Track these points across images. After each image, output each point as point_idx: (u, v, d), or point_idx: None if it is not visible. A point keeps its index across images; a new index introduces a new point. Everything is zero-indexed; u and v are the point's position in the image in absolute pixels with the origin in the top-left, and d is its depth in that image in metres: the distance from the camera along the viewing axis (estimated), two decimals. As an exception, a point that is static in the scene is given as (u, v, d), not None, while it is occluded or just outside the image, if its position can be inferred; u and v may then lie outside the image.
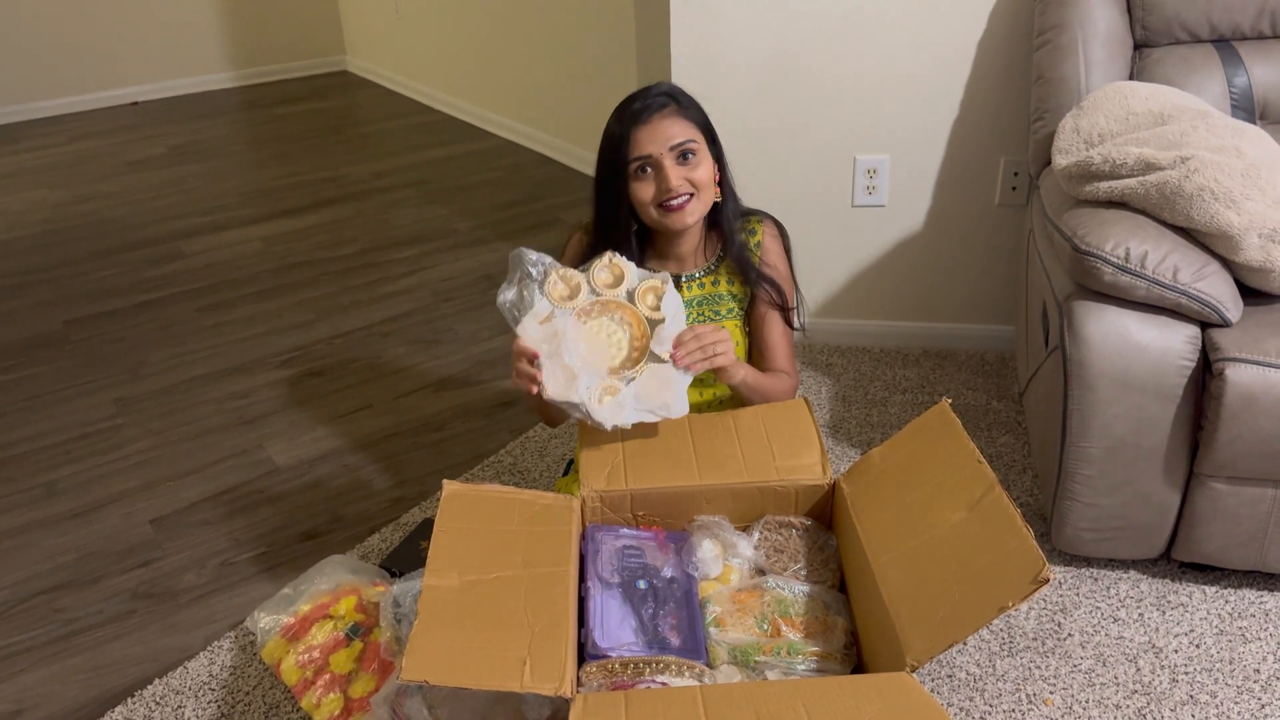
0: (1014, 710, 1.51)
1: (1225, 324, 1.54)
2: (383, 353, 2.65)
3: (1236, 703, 1.50)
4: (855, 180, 2.40)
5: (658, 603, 1.31)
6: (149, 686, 1.62)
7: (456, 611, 1.16)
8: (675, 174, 1.49)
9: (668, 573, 1.35)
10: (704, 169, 1.53)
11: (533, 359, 1.42)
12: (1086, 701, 1.51)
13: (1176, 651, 1.60)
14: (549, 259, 1.50)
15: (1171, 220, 1.59)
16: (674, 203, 1.50)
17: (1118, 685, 1.54)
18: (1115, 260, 1.53)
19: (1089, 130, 1.79)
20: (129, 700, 1.59)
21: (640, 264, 1.61)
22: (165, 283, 3.13)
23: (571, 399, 1.38)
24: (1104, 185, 1.68)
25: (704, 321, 1.63)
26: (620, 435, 1.47)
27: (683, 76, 2.35)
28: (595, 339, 1.46)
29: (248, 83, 5.67)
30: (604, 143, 1.54)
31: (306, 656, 1.57)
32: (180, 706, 1.58)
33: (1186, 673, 1.56)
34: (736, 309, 1.65)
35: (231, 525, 2.00)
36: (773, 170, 2.42)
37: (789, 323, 1.67)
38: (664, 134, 1.49)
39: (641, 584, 1.32)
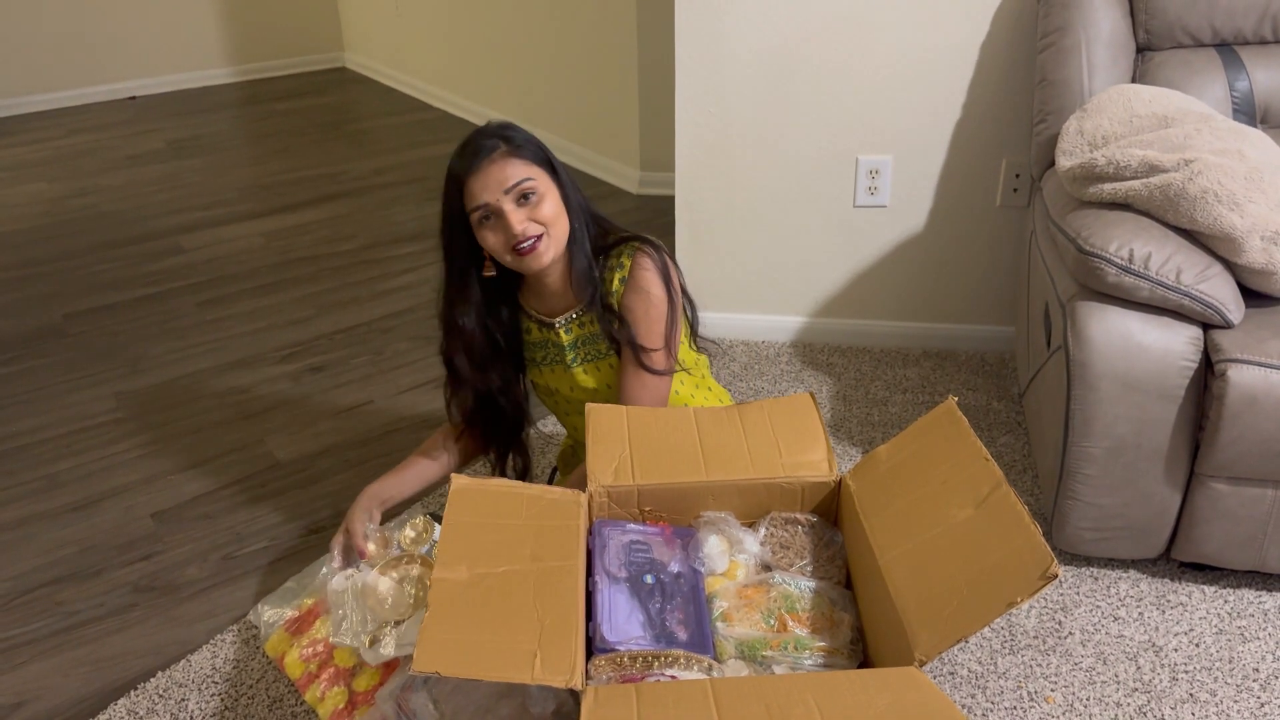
0: (1015, 707, 1.51)
1: (1227, 325, 1.55)
2: (383, 348, 2.65)
3: (1236, 701, 1.51)
4: (857, 180, 2.40)
5: (665, 597, 1.31)
6: (151, 679, 1.62)
7: (466, 604, 1.17)
8: (517, 218, 1.44)
9: (674, 568, 1.35)
10: (548, 205, 1.47)
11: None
12: (1087, 699, 1.52)
13: (1176, 650, 1.61)
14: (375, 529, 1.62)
15: (1175, 222, 1.60)
16: (524, 246, 1.46)
17: (1118, 683, 1.55)
18: (1119, 261, 1.54)
19: (1093, 132, 1.80)
20: (131, 693, 1.59)
21: (515, 305, 1.64)
22: (165, 277, 3.12)
23: (346, 642, 1.44)
24: (1108, 187, 1.69)
25: (589, 360, 1.62)
26: (627, 431, 1.48)
27: (686, 75, 2.36)
28: (382, 591, 1.49)
29: (246, 78, 5.66)
30: (443, 196, 1.51)
31: (310, 650, 1.56)
32: (183, 699, 1.58)
33: (1186, 671, 1.57)
34: (617, 345, 1.61)
35: (233, 519, 2.00)
36: (775, 170, 2.43)
37: (651, 365, 1.57)
38: (497, 179, 1.44)
39: (648, 579, 1.33)
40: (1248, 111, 1.94)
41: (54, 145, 4.53)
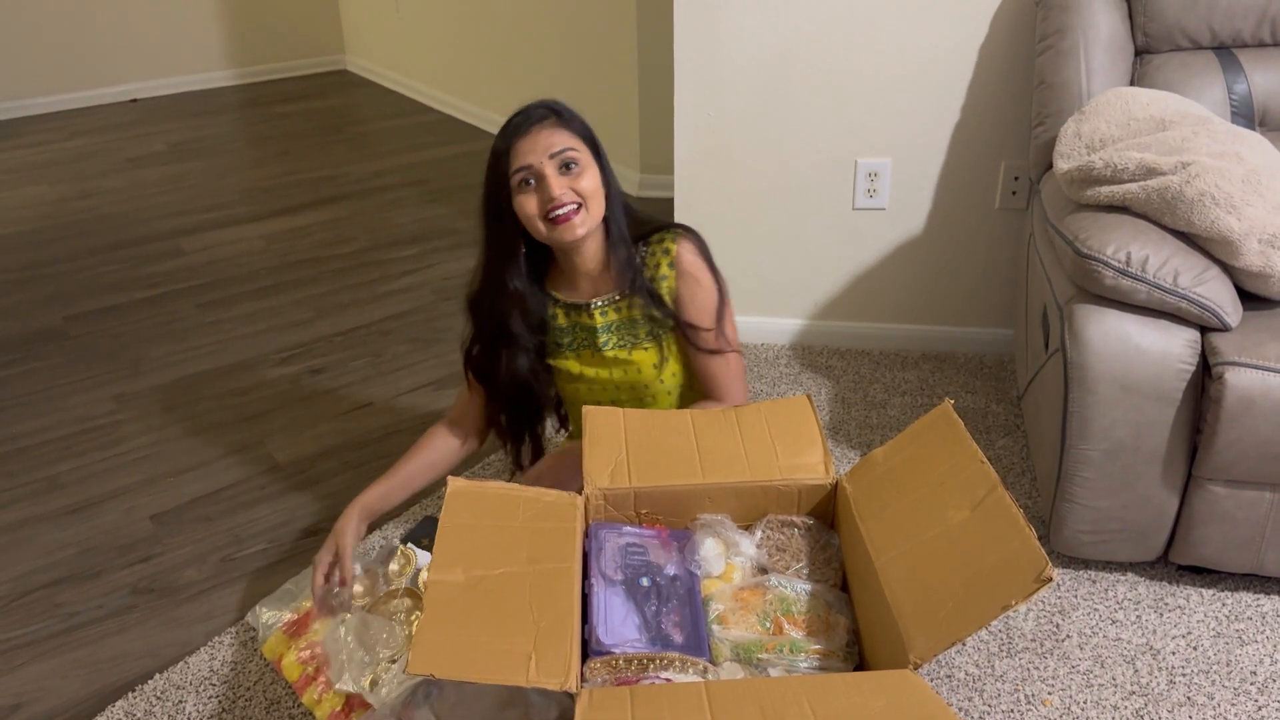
0: (1012, 711, 1.51)
1: (1225, 328, 1.55)
2: (383, 351, 2.66)
3: (1233, 704, 1.51)
4: (856, 183, 2.41)
5: (661, 600, 1.31)
6: (150, 681, 1.62)
7: (462, 606, 1.17)
8: (558, 183, 1.47)
9: (671, 570, 1.35)
10: (589, 179, 1.50)
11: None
12: (1084, 702, 1.52)
13: (1174, 653, 1.61)
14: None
15: (1172, 225, 1.60)
16: (560, 213, 1.48)
17: (1115, 686, 1.55)
18: (1116, 264, 1.54)
19: (1090, 135, 1.80)
20: (130, 695, 1.60)
21: (542, 291, 1.63)
22: (165, 279, 3.13)
23: (349, 688, 1.45)
24: (1105, 190, 1.69)
25: (623, 346, 1.63)
26: (623, 433, 1.48)
27: (685, 78, 2.36)
28: (374, 631, 1.50)
29: (247, 81, 5.67)
30: (488, 161, 1.53)
31: (308, 653, 1.57)
32: (181, 701, 1.58)
33: (1184, 674, 1.57)
34: (655, 330, 1.63)
35: (232, 521, 2.00)
36: (774, 172, 2.43)
37: (722, 346, 1.62)
38: (544, 143, 1.48)
39: (644, 581, 1.33)
40: (1246, 114, 1.94)
41: (56, 148, 4.54)
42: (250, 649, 1.67)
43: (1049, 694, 1.54)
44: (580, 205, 1.49)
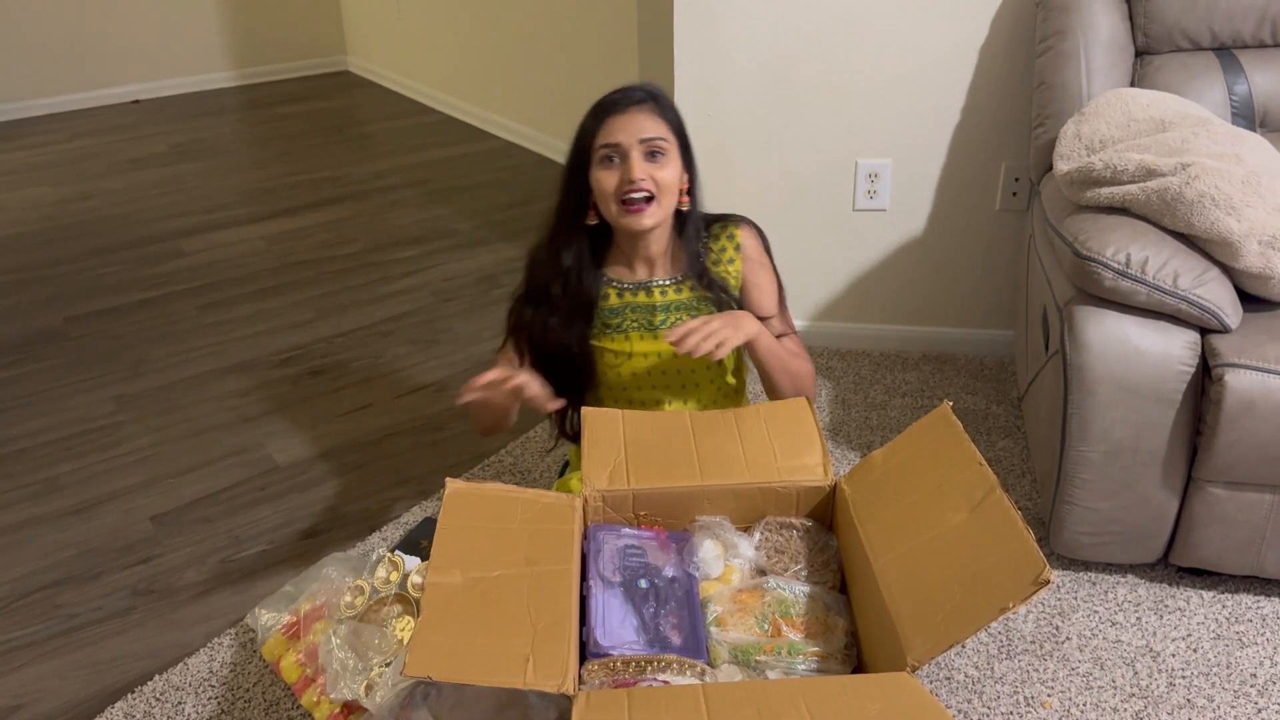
0: (1012, 713, 1.51)
1: (1225, 330, 1.55)
2: (383, 352, 2.66)
3: (1233, 707, 1.51)
4: (857, 184, 2.40)
5: (659, 602, 1.31)
6: (149, 683, 1.62)
7: (460, 608, 1.17)
8: (640, 167, 1.48)
9: (669, 572, 1.35)
10: (670, 171, 1.51)
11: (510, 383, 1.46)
12: (1084, 704, 1.52)
13: (1174, 655, 1.61)
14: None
15: (1172, 226, 1.60)
16: (634, 197, 1.49)
17: (1115, 689, 1.55)
18: (1116, 265, 1.54)
19: (1090, 136, 1.80)
20: (129, 696, 1.60)
21: (599, 267, 1.62)
22: (166, 280, 3.13)
23: (345, 696, 1.44)
24: (1105, 191, 1.69)
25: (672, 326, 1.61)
26: (622, 435, 1.48)
27: (685, 80, 2.36)
28: (366, 638, 1.49)
29: (249, 82, 5.68)
30: (577, 131, 1.54)
31: (307, 654, 1.57)
32: (180, 703, 1.58)
33: (1184, 677, 1.57)
34: (707, 309, 1.63)
35: (232, 523, 2.00)
36: (774, 173, 2.43)
37: (787, 329, 1.68)
38: (636, 125, 1.48)
39: (643, 583, 1.33)
40: (1246, 115, 1.94)
41: (57, 149, 4.54)
42: (249, 650, 1.67)
43: (1048, 696, 1.54)
44: (653, 197, 1.50)
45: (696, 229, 1.62)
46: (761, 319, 1.60)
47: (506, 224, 3.54)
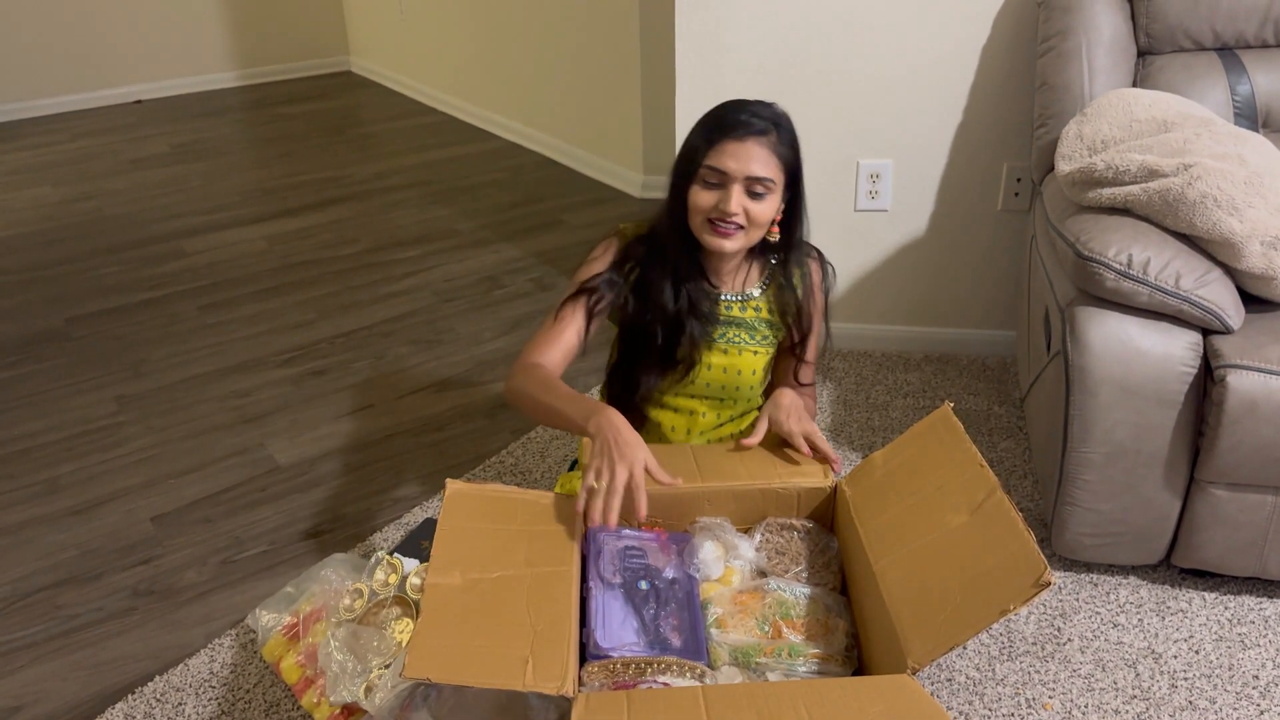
0: (1013, 715, 1.51)
1: (1227, 331, 1.55)
2: (384, 352, 2.66)
3: (1235, 709, 1.50)
4: (858, 185, 2.40)
5: (659, 603, 1.31)
6: (149, 683, 1.62)
7: (459, 610, 1.16)
8: (738, 201, 1.42)
9: (669, 574, 1.35)
10: (767, 207, 1.45)
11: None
12: (1086, 706, 1.52)
13: (1176, 657, 1.60)
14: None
15: (1174, 227, 1.59)
16: (723, 226, 1.44)
17: (1117, 690, 1.54)
18: (1118, 266, 1.54)
19: (1092, 137, 1.80)
20: (129, 697, 1.60)
21: (691, 267, 1.54)
22: (167, 281, 3.13)
23: (345, 699, 1.43)
24: (1107, 192, 1.68)
25: (734, 344, 1.58)
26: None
27: (687, 80, 2.36)
28: (365, 640, 1.49)
29: (251, 82, 5.68)
30: (690, 136, 1.47)
31: (307, 656, 1.57)
32: (181, 704, 1.58)
33: (1186, 678, 1.56)
34: (771, 338, 1.62)
35: (233, 523, 2.00)
36: (776, 174, 2.42)
37: (811, 359, 1.68)
38: (750, 159, 1.41)
39: (643, 585, 1.33)
40: (1249, 116, 1.94)
41: (59, 149, 4.55)
42: (250, 651, 1.67)
43: (1050, 698, 1.54)
44: (744, 229, 1.45)
45: (780, 256, 1.60)
46: (805, 344, 1.63)
47: (508, 224, 3.54)
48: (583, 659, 1.22)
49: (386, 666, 1.43)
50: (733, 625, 1.28)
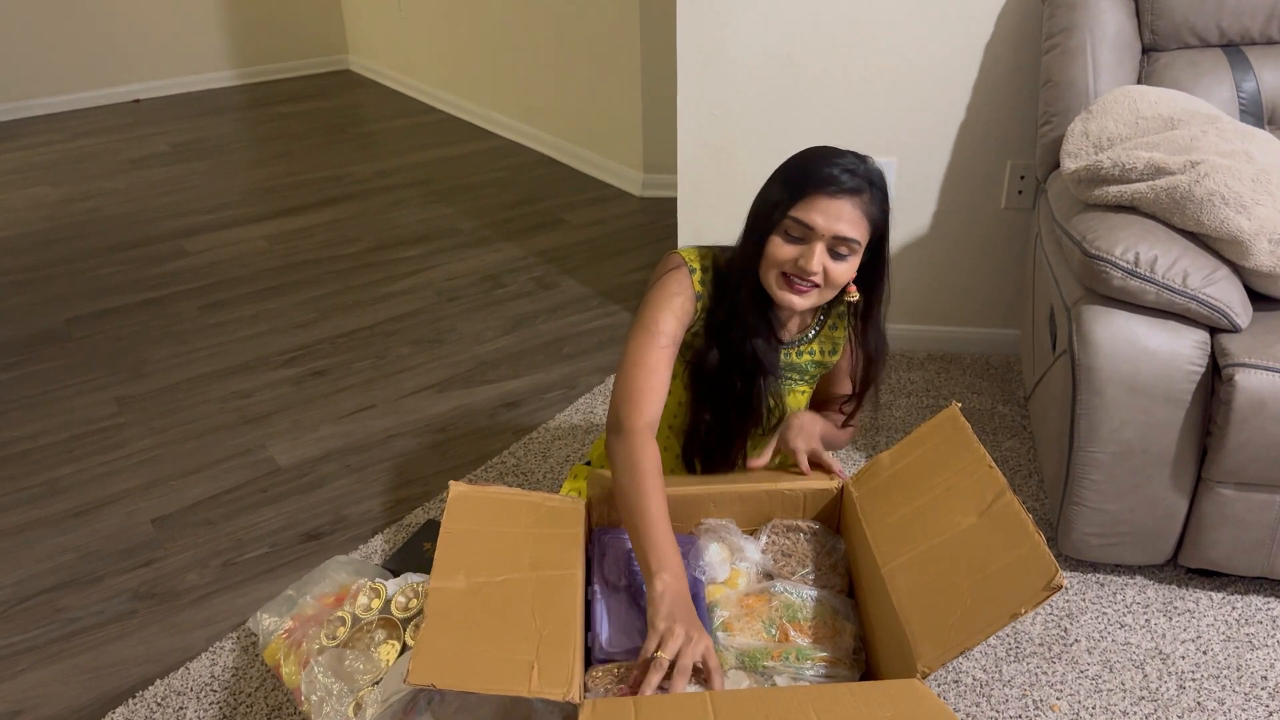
0: (1020, 716, 1.50)
1: (1235, 329, 1.53)
2: (386, 352, 2.65)
3: (1244, 710, 1.49)
4: (861, 183, 2.39)
5: (665, 606, 1.29)
6: (150, 687, 1.61)
7: (463, 614, 1.15)
8: (819, 260, 1.35)
9: (675, 576, 1.34)
10: (847, 268, 1.39)
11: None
12: (1093, 708, 1.51)
13: (1184, 658, 1.59)
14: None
15: (1181, 225, 1.58)
16: (799, 284, 1.38)
17: (1125, 691, 1.53)
18: (1124, 265, 1.53)
19: (1098, 134, 1.78)
20: (130, 701, 1.59)
21: (760, 322, 1.45)
22: (167, 281, 3.12)
23: None
24: (1113, 189, 1.67)
25: (787, 386, 1.53)
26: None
27: (688, 78, 2.35)
28: (349, 663, 1.47)
29: (250, 81, 5.66)
30: (779, 178, 1.40)
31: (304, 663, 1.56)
32: (182, 708, 1.57)
33: (1194, 679, 1.55)
34: (814, 377, 1.60)
35: (234, 525, 1.99)
36: (778, 172, 2.41)
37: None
38: (839, 217, 1.34)
39: (648, 587, 1.31)
40: (1255, 112, 1.92)
41: (58, 149, 4.53)
42: (251, 655, 1.66)
43: (1057, 699, 1.53)
44: (819, 288, 1.39)
45: (873, 328, 1.54)
46: (850, 379, 1.60)
47: (509, 223, 3.53)
48: (588, 663, 1.21)
49: (375, 684, 1.42)
50: (739, 628, 1.27)
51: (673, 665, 1.12)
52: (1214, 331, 1.54)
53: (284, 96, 5.37)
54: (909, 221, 2.42)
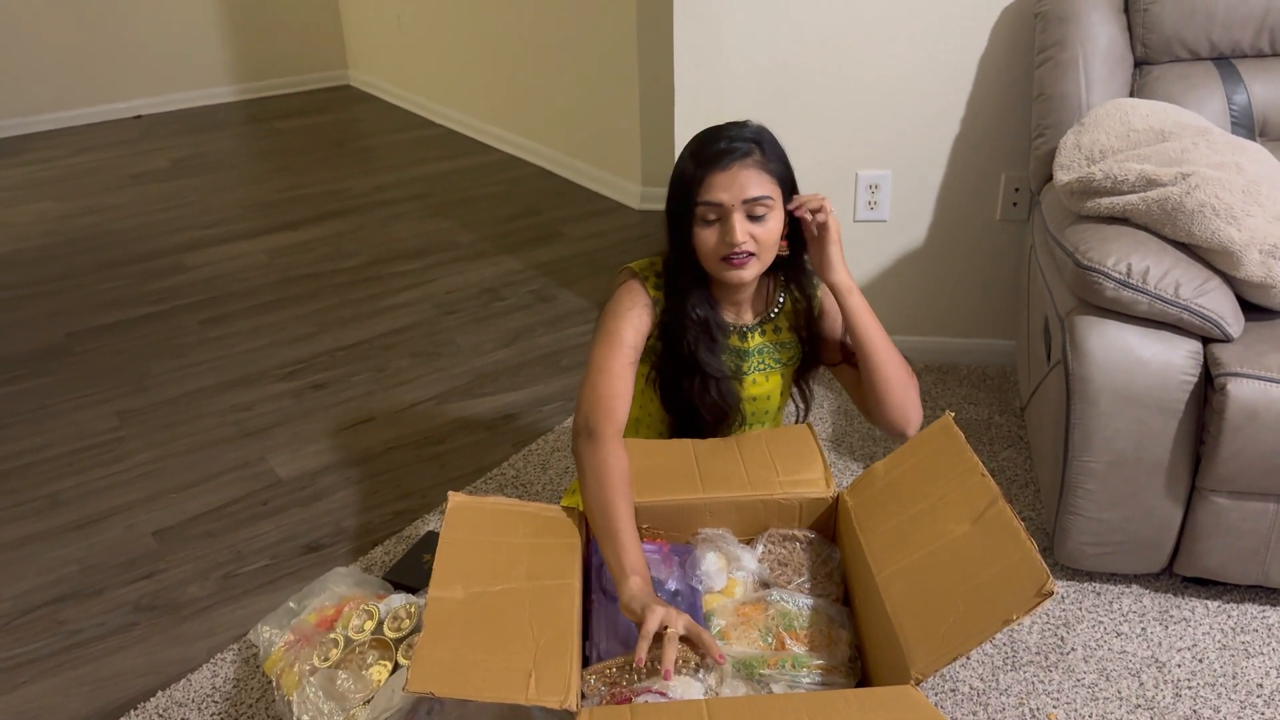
0: (1017, 725, 1.51)
1: (1227, 339, 1.55)
2: (385, 365, 2.66)
3: (1240, 717, 1.50)
4: (857, 195, 2.41)
5: (662, 616, 1.30)
6: (152, 699, 1.62)
7: (462, 623, 1.16)
8: (741, 229, 1.39)
9: (672, 585, 1.35)
10: (772, 226, 1.42)
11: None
12: (1090, 716, 1.51)
13: (1179, 666, 1.60)
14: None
15: (1173, 236, 1.60)
16: (734, 259, 1.41)
17: (1121, 700, 1.54)
18: (1117, 275, 1.54)
19: (1090, 146, 1.80)
20: (131, 712, 1.59)
21: (711, 309, 1.50)
22: (168, 295, 3.14)
23: None
24: (1105, 201, 1.69)
25: (763, 371, 1.58)
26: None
27: (685, 92, 2.37)
28: (340, 682, 1.48)
29: (250, 96, 5.70)
30: (676, 177, 1.44)
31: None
32: (183, 719, 1.57)
33: (1190, 687, 1.56)
34: (794, 356, 1.62)
35: (234, 537, 2.00)
36: (775, 185, 2.43)
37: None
38: (740, 184, 1.39)
39: (646, 597, 1.32)
40: (1246, 125, 1.94)
41: (61, 164, 4.56)
42: (252, 666, 1.67)
43: (1054, 708, 1.53)
44: (755, 254, 1.42)
45: (794, 269, 1.57)
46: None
47: (507, 236, 3.55)
48: (586, 672, 1.22)
49: (367, 702, 1.43)
50: (736, 637, 1.28)
51: (659, 638, 1.16)
52: (1206, 341, 1.55)
53: (284, 112, 5.40)
54: (904, 233, 2.44)
